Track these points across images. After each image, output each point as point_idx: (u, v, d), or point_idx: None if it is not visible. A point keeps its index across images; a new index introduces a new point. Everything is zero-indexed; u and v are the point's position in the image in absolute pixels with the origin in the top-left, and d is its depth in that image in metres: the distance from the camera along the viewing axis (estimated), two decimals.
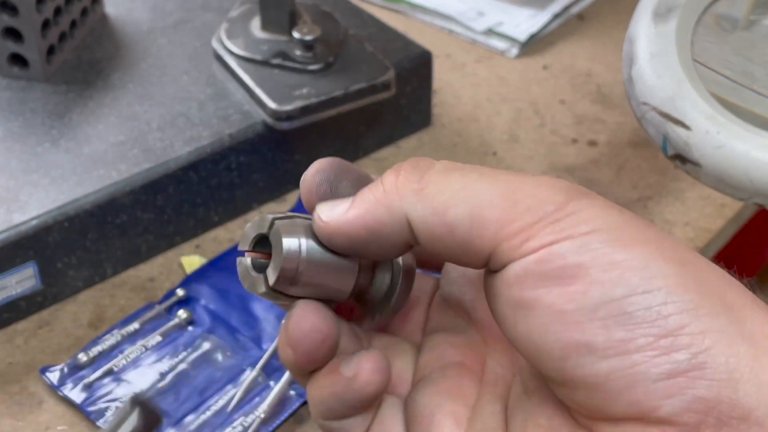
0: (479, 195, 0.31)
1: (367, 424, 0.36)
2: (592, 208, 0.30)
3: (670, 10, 0.62)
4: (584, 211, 0.30)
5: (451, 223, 0.31)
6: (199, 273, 0.70)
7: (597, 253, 0.29)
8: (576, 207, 0.30)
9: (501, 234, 0.30)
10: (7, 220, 0.65)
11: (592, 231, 0.30)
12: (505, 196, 0.31)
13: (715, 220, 0.77)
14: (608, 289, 0.29)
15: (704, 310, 0.29)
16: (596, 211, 0.30)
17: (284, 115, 0.72)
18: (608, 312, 0.29)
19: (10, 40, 0.75)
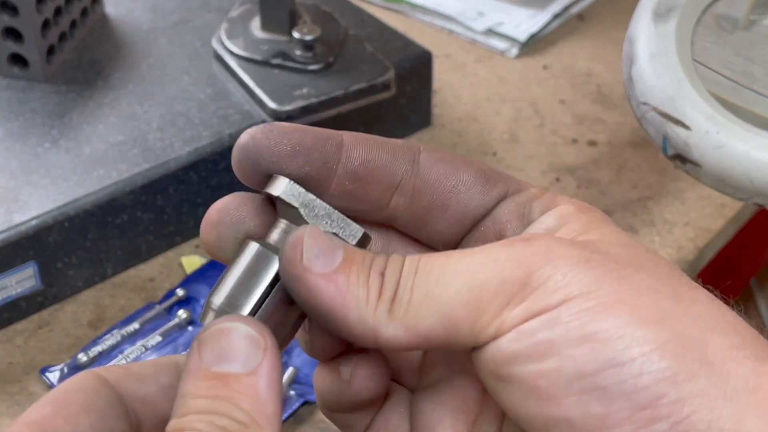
0: (445, 298, 0.30)
1: (369, 419, 0.36)
2: (558, 273, 0.30)
3: (670, 10, 0.62)
4: (551, 279, 0.29)
5: (424, 334, 0.31)
6: (199, 273, 0.70)
7: (567, 327, 0.29)
8: (540, 278, 0.30)
9: (475, 328, 0.30)
10: (7, 220, 0.65)
11: (561, 302, 0.29)
12: (470, 290, 0.30)
13: (715, 220, 0.77)
14: (581, 365, 0.28)
15: (683, 374, 0.28)
16: (563, 276, 0.29)
17: (284, 115, 0.72)
18: (583, 387, 0.28)
19: (10, 40, 0.75)
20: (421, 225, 0.36)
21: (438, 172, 0.35)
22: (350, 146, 0.34)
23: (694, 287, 0.31)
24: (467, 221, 0.35)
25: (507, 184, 0.35)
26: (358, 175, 0.34)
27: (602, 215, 0.34)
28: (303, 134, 0.34)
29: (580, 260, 0.30)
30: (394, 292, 0.31)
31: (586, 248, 0.30)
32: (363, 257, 0.32)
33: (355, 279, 0.31)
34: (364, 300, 0.31)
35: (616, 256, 0.31)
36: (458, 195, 0.35)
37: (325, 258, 0.31)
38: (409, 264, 0.31)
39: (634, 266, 0.30)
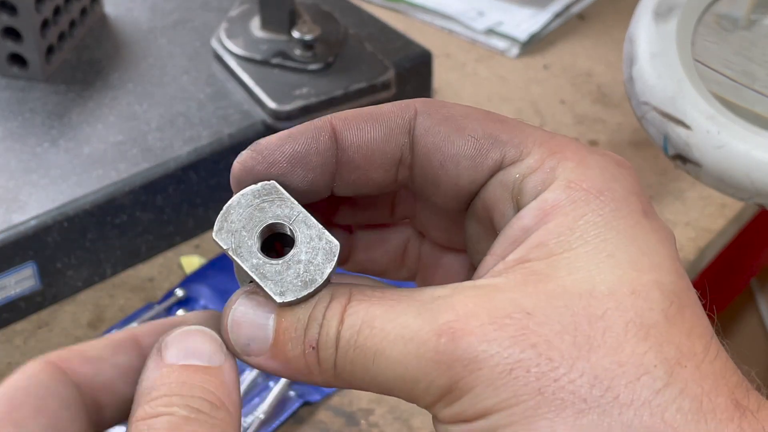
0: (384, 381, 0.30)
1: None
2: (479, 386, 0.28)
3: (671, 9, 0.62)
4: (472, 392, 0.29)
5: (375, 391, 0.31)
6: (199, 273, 0.70)
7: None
8: (463, 389, 0.29)
9: (420, 404, 0.30)
10: (6, 220, 0.65)
11: (482, 416, 0.29)
12: (404, 381, 0.30)
13: (715, 220, 0.76)
14: None
15: None
16: (483, 389, 0.28)
17: (284, 115, 0.72)
18: None
19: (9, 40, 0.75)
20: (427, 195, 0.35)
21: (427, 144, 0.33)
22: (343, 133, 0.33)
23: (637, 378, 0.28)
24: (461, 197, 0.34)
25: (503, 151, 0.32)
26: (356, 164, 0.33)
27: (598, 203, 0.30)
28: (294, 143, 0.32)
29: (504, 370, 0.28)
30: (333, 364, 0.31)
31: (518, 345, 0.28)
32: (294, 327, 0.31)
33: (292, 356, 0.31)
34: (306, 372, 0.31)
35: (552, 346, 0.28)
36: (447, 172, 0.33)
37: (256, 343, 0.31)
38: (348, 336, 0.30)
39: (569, 360, 0.28)
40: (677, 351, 0.28)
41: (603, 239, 0.30)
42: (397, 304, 0.30)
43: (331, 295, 0.31)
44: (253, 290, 0.32)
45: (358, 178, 0.33)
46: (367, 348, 0.30)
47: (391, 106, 0.33)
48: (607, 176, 0.32)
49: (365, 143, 0.33)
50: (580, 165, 0.32)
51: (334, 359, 0.30)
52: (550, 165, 0.31)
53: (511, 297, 0.29)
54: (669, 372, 0.27)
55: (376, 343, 0.30)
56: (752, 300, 1.38)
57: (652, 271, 0.29)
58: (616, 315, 0.28)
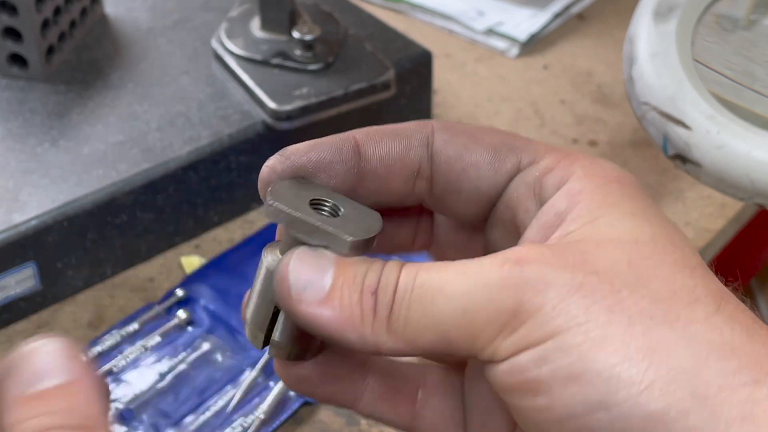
0: (442, 320, 0.30)
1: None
2: (547, 305, 0.29)
3: (671, 9, 0.62)
4: (540, 311, 0.29)
5: (425, 348, 0.31)
6: (199, 273, 0.70)
7: (555, 365, 0.29)
8: (531, 309, 0.29)
9: (472, 349, 0.30)
10: (6, 220, 0.65)
11: (551, 335, 0.29)
12: (464, 315, 0.30)
13: (715, 220, 0.76)
14: (570, 406, 0.29)
15: (673, 412, 0.28)
16: (552, 307, 0.29)
17: (284, 115, 0.72)
18: (574, 427, 0.29)
19: (9, 40, 0.75)
20: (445, 207, 0.36)
21: (447, 155, 0.35)
22: (365, 146, 0.35)
23: (693, 302, 0.30)
24: (483, 202, 0.36)
25: (518, 156, 0.35)
26: (377, 174, 0.35)
27: (617, 186, 0.33)
28: (319, 152, 0.35)
29: (571, 289, 0.29)
30: (389, 311, 0.31)
31: (580, 270, 0.30)
32: (354, 275, 0.31)
33: (348, 302, 0.31)
34: (359, 321, 0.31)
35: (611, 274, 0.30)
36: (468, 177, 0.35)
37: (313, 288, 0.31)
38: (406, 280, 0.31)
39: (629, 286, 0.29)
40: (718, 289, 0.31)
41: (632, 206, 0.32)
42: (455, 261, 0.31)
43: (385, 262, 0.32)
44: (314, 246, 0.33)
45: (378, 187, 0.35)
46: (427, 288, 0.31)
47: (410, 123, 0.36)
48: (618, 172, 0.34)
49: (386, 154, 0.35)
50: (593, 163, 0.34)
51: (391, 305, 0.31)
52: (565, 163, 0.34)
53: (564, 243, 0.31)
54: (717, 303, 0.30)
55: (435, 283, 0.31)
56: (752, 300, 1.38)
57: (678, 234, 0.32)
58: (661, 256, 0.31)
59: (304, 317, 0.32)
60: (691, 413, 0.28)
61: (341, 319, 0.31)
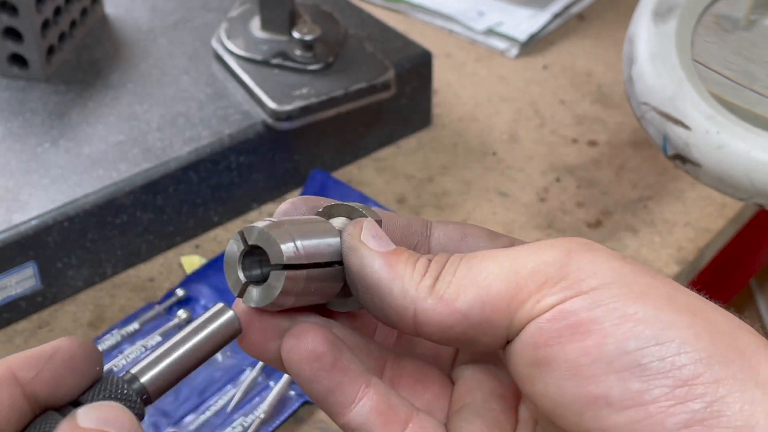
0: (485, 275, 0.32)
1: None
2: (596, 261, 0.31)
3: (670, 10, 0.62)
4: (589, 265, 0.31)
5: (462, 310, 0.32)
6: (199, 273, 0.70)
7: (608, 307, 0.30)
8: (579, 262, 0.31)
9: (513, 304, 0.31)
10: (7, 220, 0.65)
11: (601, 285, 0.30)
12: (509, 268, 0.32)
13: (715, 220, 0.77)
14: (622, 342, 0.30)
15: (717, 358, 0.29)
16: (601, 264, 0.31)
17: (284, 115, 0.72)
18: (623, 364, 0.29)
19: (10, 40, 0.75)
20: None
21: (447, 230, 0.37)
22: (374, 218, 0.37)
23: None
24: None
25: (512, 240, 0.37)
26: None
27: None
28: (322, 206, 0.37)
29: (615, 256, 0.31)
30: (438, 273, 0.33)
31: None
32: (412, 251, 0.34)
33: (404, 260, 0.33)
34: (410, 276, 0.33)
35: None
36: (468, 245, 0.37)
37: (380, 241, 0.34)
38: (455, 256, 0.33)
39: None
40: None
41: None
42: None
43: None
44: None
45: None
46: (476, 256, 0.33)
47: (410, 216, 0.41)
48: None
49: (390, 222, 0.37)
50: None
51: (440, 270, 0.33)
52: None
53: None
54: None
55: (483, 255, 0.33)
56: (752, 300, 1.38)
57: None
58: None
59: (362, 258, 0.34)
60: (733, 363, 0.29)
61: (393, 270, 0.33)
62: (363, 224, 0.34)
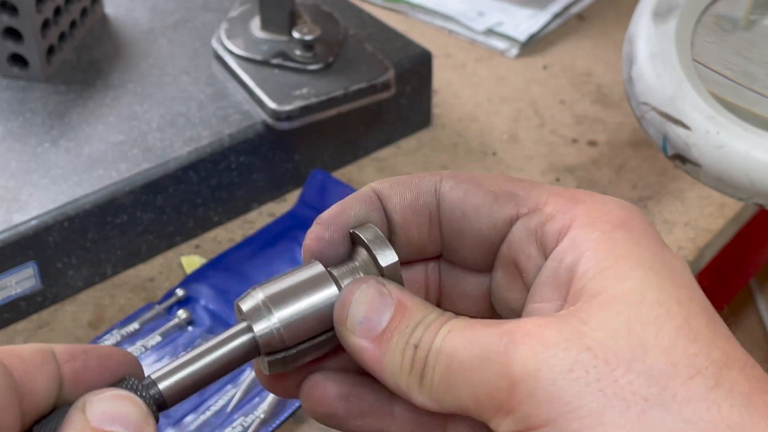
0: (457, 392, 0.31)
1: None
2: (539, 390, 0.29)
3: (670, 10, 0.62)
4: (532, 396, 0.29)
5: (450, 410, 0.32)
6: (199, 273, 0.70)
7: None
8: (522, 392, 0.29)
9: (483, 417, 0.31)
10: (7, 220, 0.65)
11: (545, 423, 0.29)
12: (472, 390, 0.31)
13: (715, 220, 0.77)
14: None
15: None
16: (544, 392, 0.29)
17: (284, 115, 0.72)
18: None
19: (10, 40, 0.75)
20: (455, 253, 0.38)
21: (451, 199, 0.36)
22: (386, 199, 0.37)
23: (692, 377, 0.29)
24: (485, 246, 0.36)
25: (518, 204, 0.35)
26: (399, 226, 0.37)
27: (623, 232, 0.32)
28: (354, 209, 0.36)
29: (562, 371, 0.29)
30: (423, 368, 0.32)
31: (575, 347, 0.30)
32: (408, 322, 0.33)
33: (393, 348, 0.33)
34: (398, 368, 0.33)
35: (608, 349, 0.29)
36: (469, 220, 0.36)
37: (369, 324, 0.33)
38: (438, 341, 0.32)
39: (625, 362, 0.29)
40: (723, 354, 0.30)
41: (639, 256, 0.32)
42: (477, 321, 0.32)
43: (442, 312, 0.33)
44: (381, 280, 0.34)
45: (402, 238, 0.37)
46: (447, 355, 0.32)
47: (422, 173, 0.37)
48: (623, 212, 0.34)
49: (399, 202, 0.36)
50: (596, 204, 0.34)
51: (424, 363, 0.32)
52: (567, 209, 0.34)
53: (567, 311, 0.31)
54: (718, 372, 0.29)
55: (452, 345, 0.31)
56: (751, 300, 1.38)
57: (685, 287, 0.31)
58: (666, 320, 0.30)
59: (351, 348, 0.33)
60: None
61: (383, 362, 0.33)
62: (349, 306, 0.33)
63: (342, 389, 0.36)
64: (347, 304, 0.34)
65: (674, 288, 0.31)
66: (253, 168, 0.74)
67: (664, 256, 0.32)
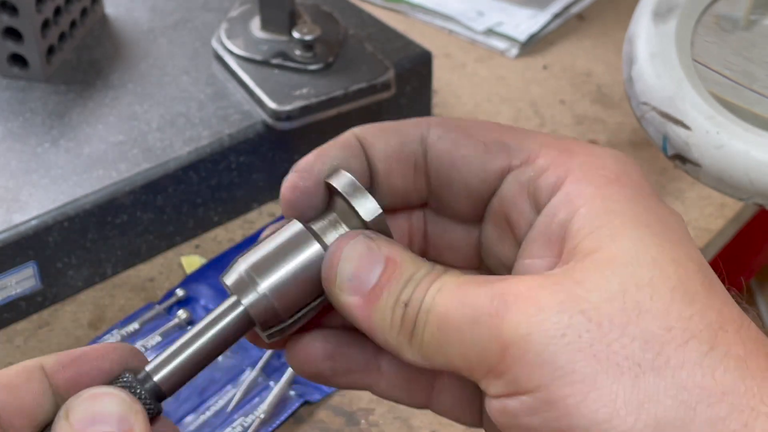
0: (447, 350, 0.31)
1: None
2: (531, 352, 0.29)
3: (670, 10, 0.62)
4: (523, 360, 0.29)
5: (439, 367, 0.32)
6: (199, 273, 0.70)
7: (543, 417, 0.28)
8: (514, 356, 0.29)
9: (473, 378, 0.31)
10: (7, 220, 0.65)
11: (536, 388, 0.29)
12: (462, 350, 0.30)
13: (715, 220, 0.77)
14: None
15: None
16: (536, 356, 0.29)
17: (284, 115, 0.72)
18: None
19: (10, 40, 0.75)
20: (443, 204, 0.36)
21: (440, 149, 0.35)
22: (366, 142, 0.35)
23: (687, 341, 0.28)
24: (474, 198, 0.35)
25: (510, 155, 0.34)
26: (379, 171, 0.35)
27: (617, 187, 0.31)
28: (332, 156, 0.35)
29: (555, 334, 0.28)
30: (412, 326, 0.31)
31: (568, 309, 0.29)
32: (398, 279, 0.32)
33: (383, 306, 0.32)
34: (388, 325, 0.32)
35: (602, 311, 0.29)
36: (459, 172, 0.35)
37: (358, 281, 0.32)
38: (429, 299, 0.31)
39: (620, 326, 0.28)
40: (719, 316, 0.29)
41: (635, 212, 0.31)
42: (469, 279, 0.31)
43: (432, 266, 0.32)
44: (370, 234, 0.33)
45: (385, 186, 0.36)
46: (438, 314, 0.31)
47: (409, 120, 0.36)
48: (618, 165, 0.33)
49: (383, 149, 0.35)
50: (591, 157, 0.33)
51: (414, 321, 0.31)
52: (561, 162, 0.33)
53: (561, 270, 0.30)
54: (713, 336, 0.29)
55: (444, 309, 0.31)
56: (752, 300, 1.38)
57: (682, 244, 0.31)
58: (661, 281, 0.29)
59: (340, 305, 0.33)
60: None
61: (373, 319, 0.32)
62: (337, 265, 0.33)
63: (327, 348, 0.36)
64: (335, 263, 0.33)
65: (670, 245, 0.30)
66: (253, 168, 0.74)
67: (660, 212, 0.31)
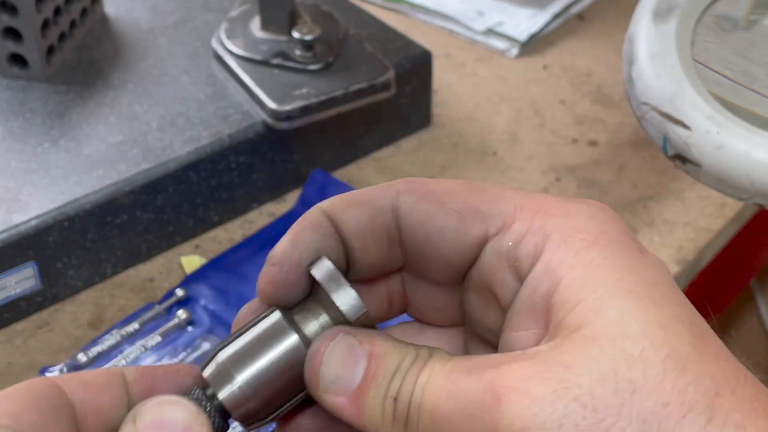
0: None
1: None
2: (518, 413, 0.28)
3: (670, 10, 0.62)
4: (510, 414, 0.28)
5: None
6: (199, 273, 0.70)
7: None
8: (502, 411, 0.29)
9: None
10: (7, 220, 0.65)
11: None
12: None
13: (715, 220, 0.77)
14: None
15: None
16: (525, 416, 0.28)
17: (284, 115, 0.72)
18: None
19: (10, 40, 0.75)
20: (422, 273, 0.36)
21: (413, 222, 0.34)
22: (340, 222, 0.34)
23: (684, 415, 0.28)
24: (453, 268, 0.34)
25: (485, 222, 0.33)
26: (357, 250, 0.34)
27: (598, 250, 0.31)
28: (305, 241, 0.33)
29: (552, 428, 0.28)
30: (405, 419, 0.31)
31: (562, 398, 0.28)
32: (383, 373, 0.31)
33: (371, 403, 0.31)
34: (380, 422, 0.31)
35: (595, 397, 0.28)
36: (435, 245, 0.34)
37: (341, 383, 0.32)
38: (418, 390, 0.31)
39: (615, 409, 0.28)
40: (713, 381, 0.28)
41: (617, 278, 0.30)
42: (457, 365, 0.30)
43: (417, 353, 0.31)
44: (349, 331, 0.32)
45: (361, 258, 0.34)
46: (429, 404, 0.30)
47: (375, 188, 0.35)
48: (596, 222, 0.32)
49: (355, 226, 0.34)
50: (567, 218, 0.32)
51: (406, 414, 0.31)
52: (538, 226, 0.32)
53: (550, 355, 0.29)
54: (710, 405, 0.28)
55: (434, 398, 0.30)
56: (752, 300, 1.38)
57: (669, 303, 0.30)
58: (651, 353, 0.29)
59: (327, 407, 0.32)
60: None
61: (364, 417, 0.31)
62: (320, 367, 0.32)
63: (319, 426, 0.35)
64: (317, 366, 0.32)
65: (657, 309, 0.29)
66: (253, 168, 0.74)
67: (642, 270, 0.31)
